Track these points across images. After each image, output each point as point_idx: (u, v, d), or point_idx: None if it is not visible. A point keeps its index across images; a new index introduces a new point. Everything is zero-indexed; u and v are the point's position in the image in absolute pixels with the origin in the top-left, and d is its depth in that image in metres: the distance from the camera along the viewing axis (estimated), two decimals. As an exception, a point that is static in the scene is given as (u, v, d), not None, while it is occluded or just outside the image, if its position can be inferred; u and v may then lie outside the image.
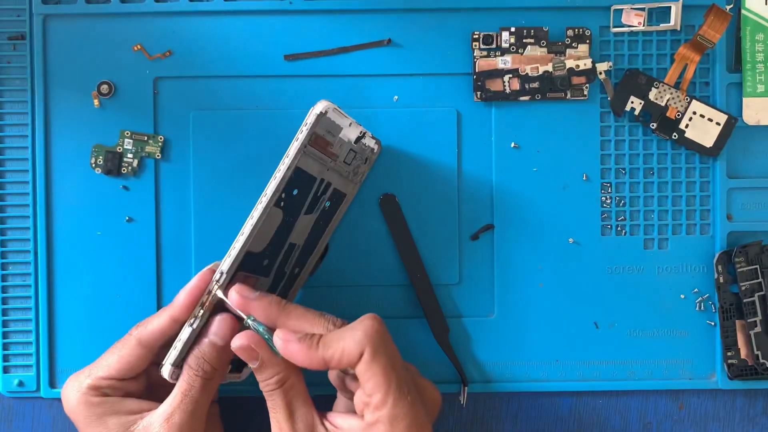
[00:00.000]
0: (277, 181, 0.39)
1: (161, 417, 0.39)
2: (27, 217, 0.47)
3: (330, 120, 0.40)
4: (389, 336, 0.38)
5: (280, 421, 0.38)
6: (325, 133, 0.41)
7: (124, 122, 0.47)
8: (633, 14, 0.47)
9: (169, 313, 0.40)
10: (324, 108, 0.40)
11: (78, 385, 0.41)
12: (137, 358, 0.40)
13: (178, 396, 0.39)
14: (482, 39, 0.47)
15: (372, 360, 0.37)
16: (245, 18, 0.47)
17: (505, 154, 0.48)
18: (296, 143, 0.40)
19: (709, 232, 0.48)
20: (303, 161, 0.40)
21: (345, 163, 0.43)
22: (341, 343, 0.37)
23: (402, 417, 0.37)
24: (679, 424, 0.49)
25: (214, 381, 0.40)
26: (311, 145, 0.40)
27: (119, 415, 0.40)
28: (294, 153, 0.39)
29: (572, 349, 0.48)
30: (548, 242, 0.48)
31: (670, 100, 0.47)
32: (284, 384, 0.38)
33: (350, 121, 0.42)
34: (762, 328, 0.47)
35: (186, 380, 0.39)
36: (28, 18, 0.47)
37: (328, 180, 0.42)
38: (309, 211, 0.42)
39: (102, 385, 0.40)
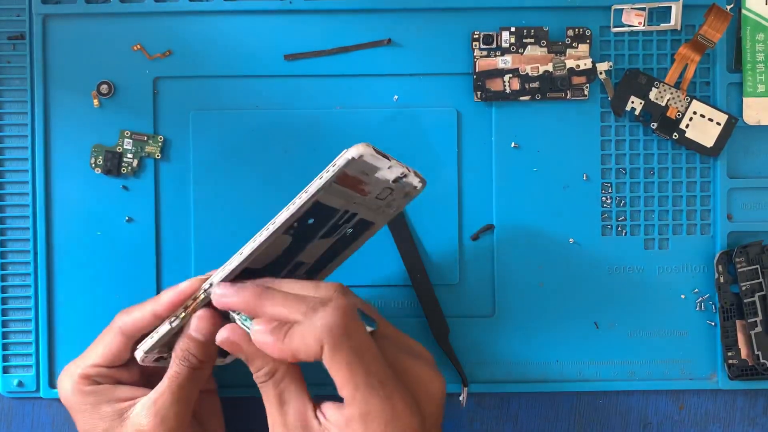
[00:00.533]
0: (290, 213, 0.36)
1: (148, 401, 0.40)
2: (27, 217, 0.47)
3: (365, 162, 0.36)
4: (355, 323, 0.36)
5: (272, 413, 0.38)
6: (357, 173, 0.36)
7: (124, 122, 0.47)
8: (633, 14, 0.47)
9: (152, 307, 0.40)
10: (358, 154, 0.35)
11: (70, 375, 0.41)
12: (119, 345, 0.41)
13: (165, 382, 0.40)
14: (482, 39, 0.47)
15: (332, 355, 0.35)
16: (245, 18, 0.47)
17: (505, 154, 0.48)
18: (319, 181, 0.35)
19: (709, 232, 0.48)
20: (325, 197, 0.36)
21: (377, 198, 0.39)
22: (303, 336, 0.36)
23: (375, 414, 0.35)
24: (680, 424, 0.49)
25: (202, 370, 0.40)
26: (338, 183, 0.36)
27: (112, 402, 0.41)
28: (314, 190, 0.36)
29: (572, 349, 0.48)
30: (548, 242, 0.48)
31: (670, 100, 0.47)
32: (274, 375, 0.38)
33: (390, 164, 0.36)
34: (762, 328, 0.47)
35: (174, 368, 0.40)
36: (27, 18, 0.47)
37: (354, 211, 0.39)
38: (326, 235, 0.39)
39: (92, 373, 0.41)
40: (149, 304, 0.40)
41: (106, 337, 0.41)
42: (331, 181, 0.35)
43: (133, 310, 0.41)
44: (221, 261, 0.44)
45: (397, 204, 0.40)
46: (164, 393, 0.40)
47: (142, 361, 0.40)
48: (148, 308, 0.40)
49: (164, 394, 0.40)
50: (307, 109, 0.47)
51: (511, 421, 0.49)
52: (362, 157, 0.35)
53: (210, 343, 0.39)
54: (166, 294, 0.40)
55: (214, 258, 0.47)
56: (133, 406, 0.40)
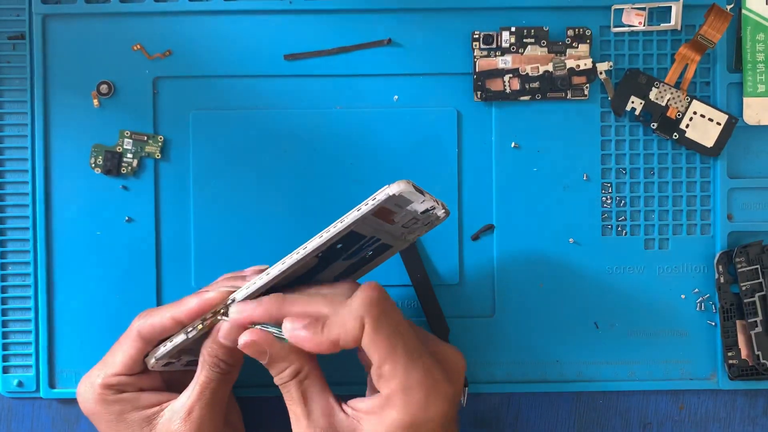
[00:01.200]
0: (324, 240, 0.37)
1: (182, 411, 0.39)
2: (26, 217, 0.47)
3: (402, 197, 0.37)
4: (390, 302, 0.37)
5: (297, 413, 0.38)
6: (392, 206, 0.38)
7: (124, 122, 0.47)
8: (633, 14, 0.47)
9: (172, 313, 0.40)
10: (399, 191, 0.36)
11: (91, 385, 0.41)
12: (139, 351, 0.40)
13: (197, 390, 0.40)
14: (482, 39, 0.47)
15: (374, 331, 0.36)
16: (245, 18, 0.47)
17: (505, 154, 0.48)
18: (357, 213, 0.37)
19: (709, 232, 0.48)
20: (358, 226, 0.38)
21: (403, 226, 0.40)
22: (342, 321, 0.36)
23: (416, 385, 0.36)
24: (680, 424, 0.49)
25: (231, 374, 0.40)
26: (372, 215, 0.38)
27: (138, 409, 0.40)
28: (351, 221, 0.37)
29: (572, 349, 0.48)
30: (548, 242, 0.48)
31: (670, 100, 0.47)
32: (297, 375, 0.38)
33: (424, 198, 0.38)
34: (763, 329, 0.47)
35: (204, 374, 0.40)
36: (27, 18, 0.47)
37: (378, 236, 0.40)
38: (348, 258, 0.40)
39: (113, 382, 0.41)
40: (170, 310, 0.40)
41: (124, 344, 0.41)
42: (368, 214, 0.37)
43: (152, 315, 0.40)
44: (221, 261, 0.45)
45: (419, 232, 0.41)
46: (198, 400, 0.40)
47: (152, 367, 0.40)
48: (168, 314, 0.40)
49: (198, 400, 0.40)
50: (307, 109, 0.47)
51: (511, 421, 0.49)
52: (402, 194, 0.36)
53: (237, 349, 0.39)
54: (191, 301, 0.39)
55: (214, 258, 0.47)
56: (161, 412, 0.40)
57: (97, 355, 0.47)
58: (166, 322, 0.40)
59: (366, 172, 0.47)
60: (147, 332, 0.40)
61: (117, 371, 0.41)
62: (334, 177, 0.47)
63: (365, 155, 0.47)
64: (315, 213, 0.47)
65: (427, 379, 0.36)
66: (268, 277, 0.38)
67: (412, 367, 0.36)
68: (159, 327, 0.40)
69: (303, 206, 0.47)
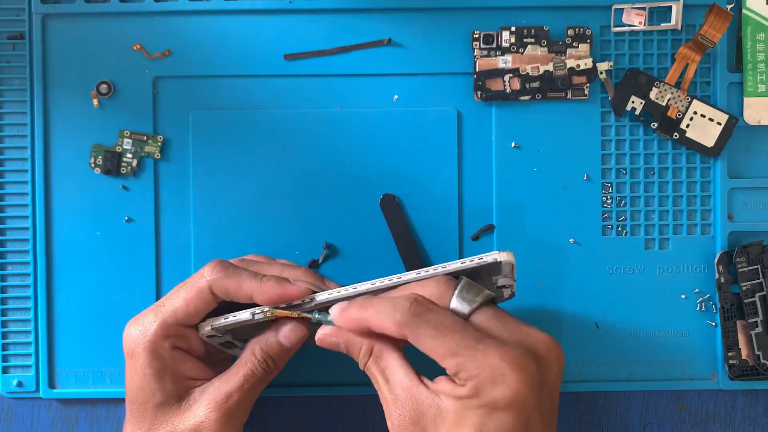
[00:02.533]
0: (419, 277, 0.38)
1: (219, 395, 0.38)
2: (26, 217, 0.47)
3: (499, 266, 0.38)
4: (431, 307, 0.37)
5: (382, 393, 0.37)
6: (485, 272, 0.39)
7: (124, 122, 0.47)
8: (634, 14, 0.47)
9: (251, 287, 0.38)
10: (505, 259, 0.38)
11: (143, 329, 0.39)
12: (205, 304, 0.39)
13: (240, 378, 0.39)
14: (482, 38, 0.47)
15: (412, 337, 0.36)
16: (245, 17, 0.47)
17: (505, 154, 0.47)
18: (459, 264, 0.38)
19: (710, 233, 0.48)
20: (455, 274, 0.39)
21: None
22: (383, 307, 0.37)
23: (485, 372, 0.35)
24: (680, 424, 0.49)
25: (273, 374, 0.40)
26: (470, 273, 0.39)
27: (177, 377, 0.39)
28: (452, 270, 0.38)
29: (572, 349, 0.48)
30: (549, 242, 0.48)
31: (670, 99, 0.47)
32: (372, 353, 0.38)
33: (511, 283, 0.40)
34: (763, 329, 0.47)
35: (251, 367, 0.39)
36: (27, 17, 0.47)
37: None
38: None
39: (170, 332, 0.39)
40: (250, 282, 0.38)
41: (189, 293, 0.39)
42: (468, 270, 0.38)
43: (229, 276, 0.39)
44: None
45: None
46: (238, 390, 0.39)
47: (203, 335, 0.39)
48: (247, 285, 0.38)
49: (238, 391, 0.39)
50: (307, 109, 0.47)
51: (512, 421, 0.48)
52: (503, 263, 0.38)
53: (289, 352, 0.39)
54: (273, 287, 0.38)
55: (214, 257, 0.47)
56: (192, 390, 0.39)
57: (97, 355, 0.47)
58: (243, 291, 0.38)
59: (366, 172, 0.47)
60: (219, 292, 0.39)
61: (176, 319, 0.39)
62: (334, 177, 0.47)
63: (365, 155, 0.47)
64: (315, 213, 0.47)
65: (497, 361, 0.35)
66: (354, 291, 0.38)
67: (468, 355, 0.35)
68: (232, 293, 0.39)
69: (303, 206, 0.47)
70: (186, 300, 0.39)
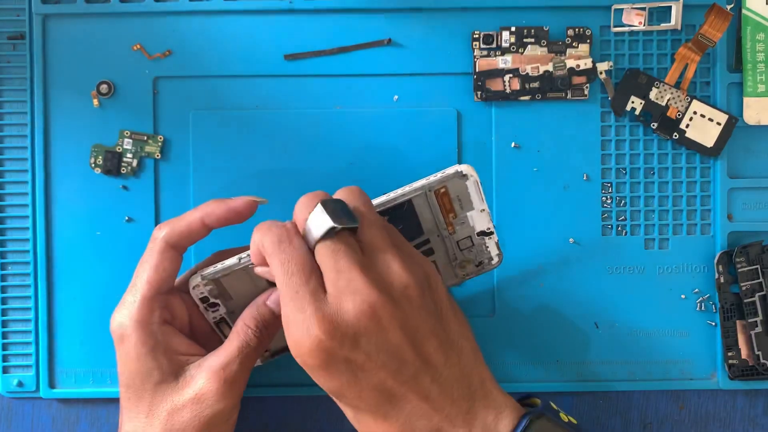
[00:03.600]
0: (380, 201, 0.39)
1: (216, 366, 0.38)
2: (26, 217, 0.47)
3: (465, 187, 0.39)
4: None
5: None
6: (453, 197, 0.39)
7: (124, 122, 0.47)
8: (633, 14, 0.47)
9: (200, 215, 0.39)
10: (466, 170, 0.39)
11: (128, 311, 0.39)
12: (170, 261, 0.39)
13: (234, 349, 0.39)
14: (482, 38, 0.47)
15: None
16: (245, 18, 0.47)
17: (505, 154, 0.48)
18: (423, 181, 0.39)
19: (709, 232, 0.48)
20: (418, 202, 0.39)
21: (458, 246, 0.41)
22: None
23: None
24: (680, 424, 0.49)
25: (266, 342, 0.40)
26: (434, 194, 0.39)
27: (170, 352, 0.39)
28: (416, 187, 0.38)
29: (572, 349, 0.48)
30: (548, 242, 0.48)
31: (670, 99, 0.47)
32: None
33: (484, 207, 0.40)
34: (763, 329, 0.47)
35: (244, 337, 0.39)
36: (27, 18, 0.47)
37: (433, 248, 0.41)
38: None
39: (153, 305, 0.39)
40: (193, 213, 0.40)
41: (151, 259, 0.39)
42: (432, 186, 0.38)
43: (173, 222, 0.40)
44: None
45: (468, 271, 0.42)
46: (235, 360, 0.38)
47: (193, 288, 0.39)
48: (193, 216, 0.39)
49: (235, 361, 0.38)
50: (307, 109, 0.47)
51: (511, 421, 0.48)
52: (467, 177, 0.38)
53: (279, 318, 0.39)
54: (215, 204, 0.39)
55: (214, 258, 0.47)
56: (187, 366, 0.39)
57: (97, 355, 0.47)
58: (195, 225, 0.39)
59: (366, 172, 0.47)
60: (175, 242, 0.39)
61: (151, 290, 0.39)
62: (334, 177, 0.47)
63: (365, 155, 0.47)
64: (315, 213, 0.47)
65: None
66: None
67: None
68: (186, 230, 0.39)
69: (303, 206, 0.47)
70: (152, 267, 0.39)
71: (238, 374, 0.39)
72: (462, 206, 0.40)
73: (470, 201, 0.39)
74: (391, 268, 0.36)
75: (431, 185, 0.39)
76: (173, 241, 0.40)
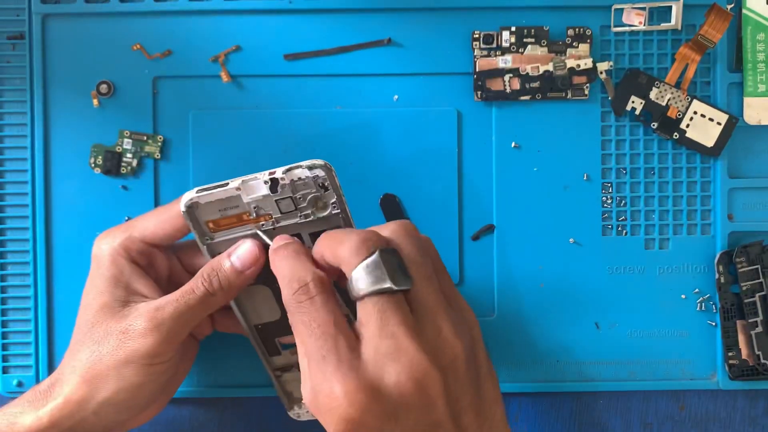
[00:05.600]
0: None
1: (152, 306, 0.39)
2: (26, 217, 0.47)
3: (206, 205, 0.39)
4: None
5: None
6: (217, 216, 0.39)
7: (124, 122, 0.47)
8: (634, 14, 0.47)
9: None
10: (188, 201, 0.38)
11: (111, 240, 0.40)
12: (175, 227, 0.40)
13: (177, 293, 0.39)
14: (482, 38, 0.47)
15: None
16: (245, 18, 0.47)
17: (505, 154, 0.47)
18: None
19: (710, 232, 0.48)
20: (213, 250, 0.40)
21: (285, 213, 0.39)
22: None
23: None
24: (680, 424, 0.49)
25: (216, 298, 0.39)
26: (211, 233, 0.39)
27: (129, 288, 0.40)
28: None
29: (572, 349, 0.48)
30: (549, 242, 0.48)
31: (671, 99, 0.47)
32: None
33: (237, 184, 0.38)
34: (763, 329, 0.47)
35: (192, 284, 0.39)
36: (27, 17, 0.47)
37: (278, 225, 0.39)
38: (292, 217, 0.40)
39: (132, 247, 0.40)
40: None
41: (161, 214, 0.40)
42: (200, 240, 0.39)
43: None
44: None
45: (328, 201, 0.39)
46: (171, 303, 0.39)
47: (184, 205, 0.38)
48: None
49: (171, 304, 0.38)
50: (307, 109, 0.47)
51: (512, 421, 0.48)
52: (194, 206, 0.38)
53: (238, 275, 0.39)
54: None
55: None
56: (138, 303, 0.39)
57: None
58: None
59: (366, 172, 0.47)
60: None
61: (143, 237, 0.40)
62: (334, 177, 0.47)
63: (365, 155, 0.47)
64: (315, 213, 0.47)
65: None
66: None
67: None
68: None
69: (303, 206, 0.47)
70: (157, 221, 0.40)
71: (170, 317, 0.38)
72: (235, 204, 0.39)
73: (228, 198, 0.39)
74: (442, 334, 0.34)
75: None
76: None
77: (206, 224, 0.39)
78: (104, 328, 0.39)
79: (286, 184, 0.38)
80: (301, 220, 0.39)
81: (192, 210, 0.39)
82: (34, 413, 0.39)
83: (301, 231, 0.39)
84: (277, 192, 0.38)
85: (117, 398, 0.39)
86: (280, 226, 0.39)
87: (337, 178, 0.38)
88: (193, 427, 0.48)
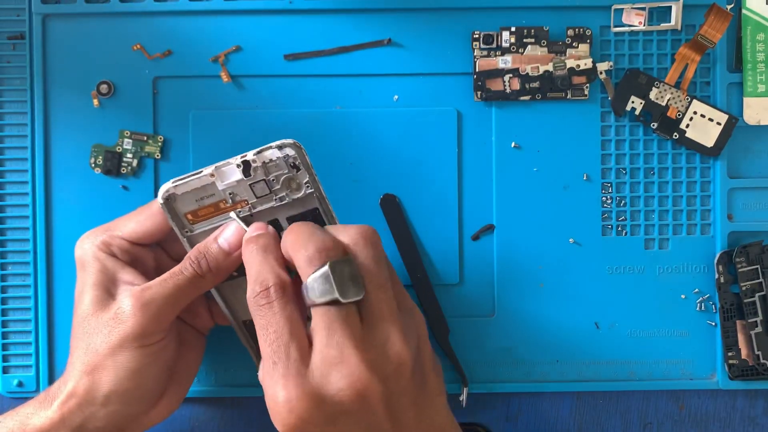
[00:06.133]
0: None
1: (139, 288, 0.39)
2: (26, 217, 0.47)
3: (183, 195, 0.39)
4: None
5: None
6: (195, 206, 0.40)
7: (124, 122, 0.47)
8: (633, 14, 0.47)
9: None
10: (165, 194, 0.39)
11: (93, 239, 0.41)
12: (156, 225, 0.40)
13: (166, 275, 0.39)
14: (482, 38, 0.47)
15: None
16: (245, 18, 0.47)
17: (505, 154, 0.47)
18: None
19: (709, 232, 0.48)
20: (193, 241, 0.40)
21: (261, 198, 0.39)
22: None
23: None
24: (680, 424, 0.49)
25: (205, 280, 0.39)
26: (190, 225, 0.40)
27: (114, 280, 0.40)
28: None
29: (572, 349, 0.48)
30: (549, 242, 0.48)
31: (670, 99, 0.47)
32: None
33: (210, 170, 0.39)
34: (763, 329, 0.47)
35: (180, 266, 0.39)
36: (27, 18, 0.47)
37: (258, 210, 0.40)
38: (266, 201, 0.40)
39: (114, 243, 0.41)
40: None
41: (141, 214, 0.41)
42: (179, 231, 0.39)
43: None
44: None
45: (301, 180, 0.39)
46: (159, 284, 0.39)
47: (162, 198, 0.39)
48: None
49: (159, 284, 0.39)
50: (307, 109, 0.47)
51: (512, 421, 0.49)
52: (171, 199, 0.39)
53: (227, 257, 0.39)
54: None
55: (214, 258, 0.47)
56: (124, 290, 0.40)
57: (97, 355, 0.47)
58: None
59: (366, 172, 0.47)
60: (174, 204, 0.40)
61: (123, 235, 0.41)
62: (334, 177, 0.47)
63: (365, 155, 0.47)
64: (315, 213, 0.47)
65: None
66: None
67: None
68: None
69: (303, 206, 0.47)
70: (137, 222, 0.41)
71: (159, 297, 0.38)
72: (211, 193, 0.39)
73: (198, 188, 0.39)
74: (390, 342, 0.36)
75: (179, 231, 0.40)
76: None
77: (185, 216, 0.40)
78: (96, 320, 0.39)
79: (258, 167, 0.39)
80: (276, 204, 0.39)
81: (170, 202, 0.39)
82: (43, 413, 0.39)
83: (279, 215, 0.40)
84: (250, 176, 0.39)
85: (120, 387, 0.39)
86: (257, 211, 0.40)
87: (307, 157, 0.39)
88: (193, 427, 0.48)
